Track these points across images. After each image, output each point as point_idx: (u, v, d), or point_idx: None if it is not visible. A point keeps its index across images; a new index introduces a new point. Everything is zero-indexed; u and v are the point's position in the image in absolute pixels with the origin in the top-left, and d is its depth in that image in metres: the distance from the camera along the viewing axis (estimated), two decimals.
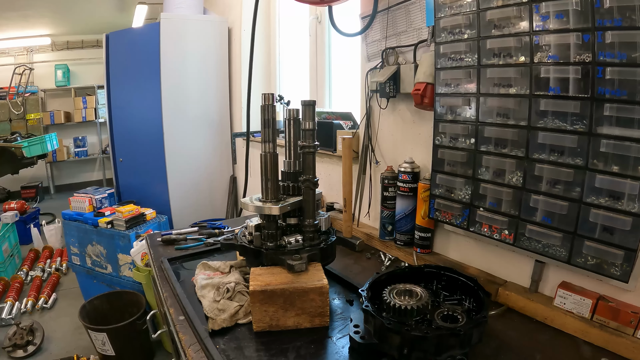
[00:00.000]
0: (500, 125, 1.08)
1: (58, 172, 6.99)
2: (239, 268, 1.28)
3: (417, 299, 0.95)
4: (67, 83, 6.64)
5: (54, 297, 3.17)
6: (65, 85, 6.63)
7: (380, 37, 1.56)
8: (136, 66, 3.19)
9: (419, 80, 1.29)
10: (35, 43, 6.36)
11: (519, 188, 1.06)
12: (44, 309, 3.03)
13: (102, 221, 2.66)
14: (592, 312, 0.97)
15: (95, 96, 6.60)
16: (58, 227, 4.16)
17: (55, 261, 3.76)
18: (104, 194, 2.96)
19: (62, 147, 6.48)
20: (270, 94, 1.13)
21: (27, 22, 5.57)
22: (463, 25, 1.12)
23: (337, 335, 1.00)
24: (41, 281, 3.38)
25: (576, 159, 0.93)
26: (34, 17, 5.42)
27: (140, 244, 2.29)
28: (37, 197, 6.09)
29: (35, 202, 5.92)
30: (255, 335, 1.00)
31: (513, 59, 1.02)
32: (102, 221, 2.66)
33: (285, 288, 0.99)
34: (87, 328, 2.23)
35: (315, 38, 2.40)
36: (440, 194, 1.28)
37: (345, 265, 1.43)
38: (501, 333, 1.01)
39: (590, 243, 0.93)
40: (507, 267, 1.21)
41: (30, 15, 5.30)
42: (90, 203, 2.85)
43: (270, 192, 1.15)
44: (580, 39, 0.88)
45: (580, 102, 0.90)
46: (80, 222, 2.79)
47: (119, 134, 3.45)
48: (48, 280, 3.39)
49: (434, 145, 1.28)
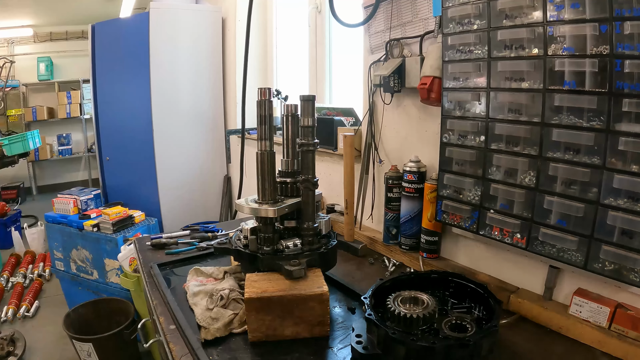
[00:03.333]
0: (512, 121, 1.08)
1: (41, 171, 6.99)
2: (234, 274, 1.28)
3: (423, 307, 0.95)
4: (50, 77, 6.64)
5: (37, 305, 3.17)
6: (48, 79, 6.63)
7: (384, 27, 1.56)
8: (124, 59, 3.19)
9: (426, 73, 1.29)
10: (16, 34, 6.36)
11: (532, 189, 1.06)
12: (25, 318, 3.03)
13: (88, 224, 2.65)
14: (609, 321, 0.96)
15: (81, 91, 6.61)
16: (41, 230, 4.16)
17: (37, 267, 3.76)
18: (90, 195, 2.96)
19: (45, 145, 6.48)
20: (267, 88, 1.13)
21: (7, 11, 5.57)
22: (472, 15, 1.12)
23: (338, 345, 1.00)
24: (23, 288, 3.37)
25: (593, 157, 0.93)
26: (14, 7, 5.41)
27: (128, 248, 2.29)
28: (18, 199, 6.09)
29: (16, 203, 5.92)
30: (251, 346, 1.00)
31: (526, 51, 1.02)
32: (88, 224, 2.65)
33: (282, 295, 0.99)
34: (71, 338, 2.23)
35: (315, 29, 2.41)
36: (448, 195, 1.28)
37: (347, 271, 1.43)
38: (513, 343, 1.01)
39: (608, 247, 0.93)
40: (520, 273, 1.21)
41: (10, 4, 5.30)
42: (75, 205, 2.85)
43: (266, 193, 1.15)
44: (597, 30, 0.88)
45: (597, 97, 0.90)
46: (65, 225, 2.79)
47: (105, 131, 3.45)
48: (30, 287, 3.39)
49: (442, 143, 1.28)
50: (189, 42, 3.14)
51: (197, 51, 3.19)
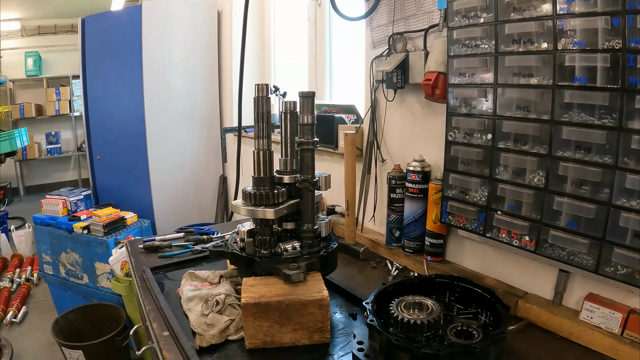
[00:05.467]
0: (520, 119, 1.08)
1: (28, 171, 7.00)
2: (230, 278, 1.28)
3: (427, 313, 0.95)
4: (38, 72, 6.65)
5: (24, 310, 3.17)
6: (36, 74, 6.63)
7: (387, 21, 1.56)
8: (115, 54, 3.19)
9: (430, 69, 1.29)
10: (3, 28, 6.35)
11: (541, 189, 1.06)
12: (12, 324, 3.03)
13: (78, 226, 2.65)
14: (622, 327, 0.96)
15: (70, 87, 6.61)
16: (28, 232, 4.16)
17: (25, 270, 3.76)
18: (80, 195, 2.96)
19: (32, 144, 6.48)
20: (265, 84, 1.13)
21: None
22: (479, 7, 1.12)
23: (339, 352, 1.00)
24: (9, 293, 3.37)
25: (605, 156, 0.93)
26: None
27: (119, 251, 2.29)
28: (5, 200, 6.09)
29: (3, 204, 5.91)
30: (248, 353, 1.00)
31: (534, 46, 1.02)
32: (78, 226, 2.65)
33: (281, 300, 0.99)
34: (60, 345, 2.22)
35: (315, 22, 2.41)
36: (454, 195, 1.28)
37: (348, 275, 1.43)
38: (521, 351, 1.01)
39: (621, 250, 0.93)
40: (528, 277, 1.21)
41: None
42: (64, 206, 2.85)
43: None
44: (609, 24, 0.88)
45: (609, 94, 0.90)
46: (53, 227, 2.79)
47: (96, 129, 3.45)
48: (17, 291, 3.39)
49: (447, 142, 1.28)
50: (183, 36, 3.15)
51: (191, 45, 3.19)
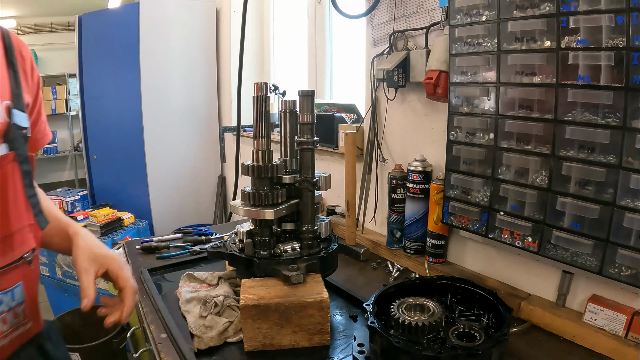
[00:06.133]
0: (523, 118, 1.08)
1: None
2: (229, 280, 1.28)
3: (429, 315, 0.95)
4: None
5: None
6: None
7: (388, 19, 1.56)
8: (113, 52, 3.19)
9: (432, 67, 1.29)
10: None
11: (544, 189, 1.06)
12: None
13: None
14: (626, 330, 0.96)
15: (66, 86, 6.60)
16: None
17: None
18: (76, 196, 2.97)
19: None
20: (264, 83, 1.13)
21: None
22: (481, 5, 1.12)
23: (339, 355, 1.00)
24: None
25: (609, 156, 0.93)
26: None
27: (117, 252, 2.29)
28: None
29: None
30: (247, 356, 1.00)
31: (537, 44, 1.02)
32: None
33: (280, 302, 0.99)
34: None
35: (315, 20, 2.41)
36: (456, 196, 1.28)
37: (348, 277, 1.43)
38: (524, 353, 1.01)
39: (625, 251, 0.93)
40: (531, 278, 1.21)
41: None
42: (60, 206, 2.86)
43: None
44: (613, 21, 0.88)
45: (613, 93, 0.90)
46: None
47: (93, 129, 3.45)
48: None
49: (449, 141, 1.28)
50: (181, 34, 3.15)
51: (190, 44, 3.19)
